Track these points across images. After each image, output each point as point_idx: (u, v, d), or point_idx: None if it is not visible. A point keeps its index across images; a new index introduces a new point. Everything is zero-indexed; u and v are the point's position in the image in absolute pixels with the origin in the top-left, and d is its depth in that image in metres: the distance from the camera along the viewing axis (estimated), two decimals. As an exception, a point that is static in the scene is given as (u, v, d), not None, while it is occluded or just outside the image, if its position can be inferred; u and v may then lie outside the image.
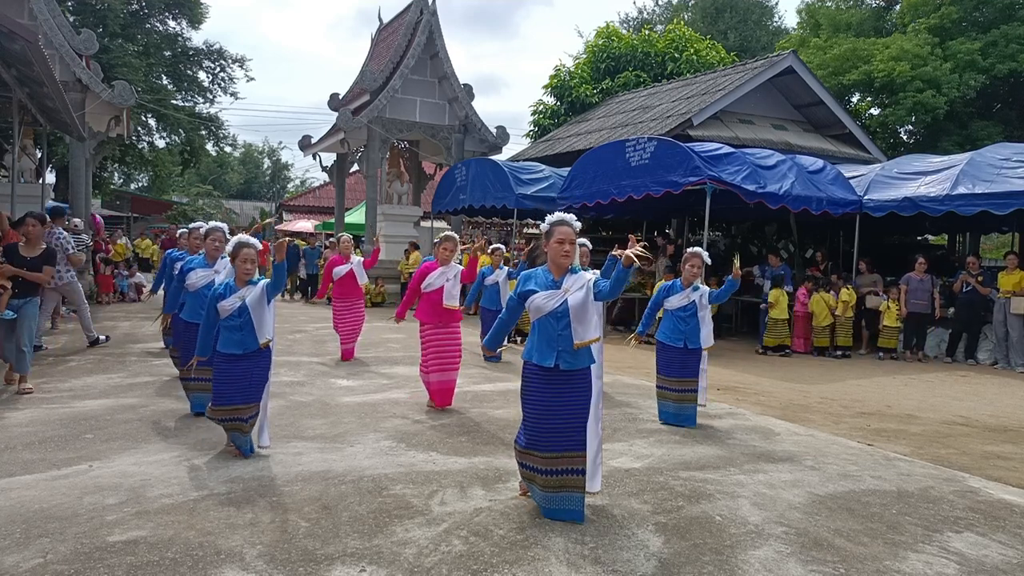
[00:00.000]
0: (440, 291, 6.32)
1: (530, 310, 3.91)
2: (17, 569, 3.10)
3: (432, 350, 6.31)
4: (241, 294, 4.74)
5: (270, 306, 4.85)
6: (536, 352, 3.86)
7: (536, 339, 3.88)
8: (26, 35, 8.13)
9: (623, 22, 36.57)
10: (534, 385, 3.86)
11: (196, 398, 5.80)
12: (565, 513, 3.83)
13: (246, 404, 4.72)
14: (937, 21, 22.88)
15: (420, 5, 18.24)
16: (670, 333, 6.10)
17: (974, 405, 7.65)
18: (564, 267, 3.87)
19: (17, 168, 14.10)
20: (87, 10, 22.58)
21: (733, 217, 15.42)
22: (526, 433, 3.88)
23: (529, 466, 3.87)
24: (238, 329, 4.73)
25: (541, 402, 3.82)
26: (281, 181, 65.00)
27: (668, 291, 6.16)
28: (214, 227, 6.17)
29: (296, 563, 3.24)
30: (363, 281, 8.93)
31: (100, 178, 26.41)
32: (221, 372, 4.74)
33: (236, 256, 4.79)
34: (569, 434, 3.81)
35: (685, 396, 6.03)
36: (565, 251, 3.84)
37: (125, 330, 10.76)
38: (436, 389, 6.31)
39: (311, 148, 21.27)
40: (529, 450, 3.85)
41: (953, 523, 4.04)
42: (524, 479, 4.02)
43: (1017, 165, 10.41)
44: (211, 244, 6.07)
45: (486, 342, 4.45)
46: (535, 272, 3.98)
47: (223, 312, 4.72)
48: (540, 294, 3.85)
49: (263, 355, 4.81)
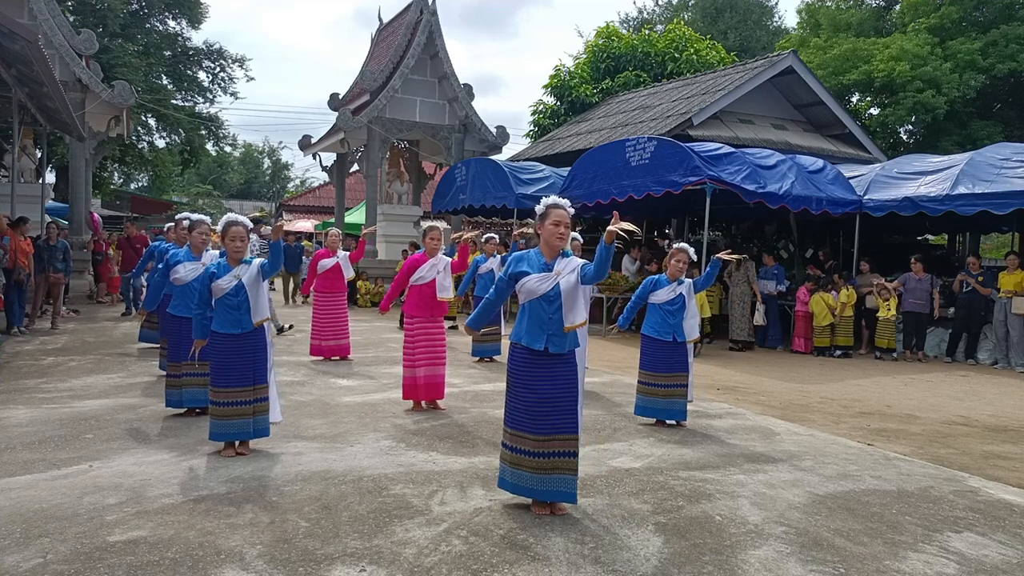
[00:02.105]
0: (433, 284, 6.31)
1: (521, 292, 3.89)
2: (17, 569, 3.10)
3: (422, 344, 6.27)
4: (236, 272, 4.74)
5: (264, 285, 4.88)
6: (526, 335, 3.85)
7: (526, 322, 3.87)
8: (26, 35, 8.14)
9: (623, 22, 36.56)
10: (524, 368, 3.86)
11: (188, 394, 5.71)
12: (558, 495, 3.83)
13: (251, 386, 4.73)
14: (937, 21, 22.87)
15: (420, 5, 18.24)
16: (658, 327, 6.02)
17: (974, 405, 7.65)
18: (557, 250, 3.88)
19: (17, 168, 14.13)
20: (87, 10, 22.56)
21: (733, 217, 15.42)
22: (517, 416, 3.87)
23: (520, 449, 3.84)
24: (235, 308, 4.72)
25: (532, 385, 3.82)
26: (281, 181, 65.00)
27: (654, 285, 6.09)
28: (199, 220, 6.14)
29: (296, 563, 3.24)
30: (349, 275, 8.89)
31: (100, 178, 26.39)
32: (220, 352, 4.72)
33: (226, 234, 4.78)
34: (562, 416, 3.82)
35: (674, 391, 5.96)
36: (560, 233, 3.85)
37: (125, 330, 10.76)
38: (426, 383, 6.26)
39: (311, 148, 21.27)
40: (522, 432, 3.83)
41: (953, 523, 4.04)
42: (511, 464, 3.90)
43: (1017, 165, 10.40)
44: (197, 237, 6.02)
45: (469, 322, 4.37)
46: (527, 254, 3.95)
47: (218, 291, 4.71)
48: (533, 276, 3.84)
49: (260, 333, 4.83)
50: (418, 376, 6.25)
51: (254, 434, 4.82)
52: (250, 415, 4.77)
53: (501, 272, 4.08)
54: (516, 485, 3.90)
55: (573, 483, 3.85)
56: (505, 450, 3.96)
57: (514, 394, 3.91)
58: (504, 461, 3.98)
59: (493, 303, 4.20)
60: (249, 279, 4.75)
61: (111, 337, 10.14)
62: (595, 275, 3.75)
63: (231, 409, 4.71)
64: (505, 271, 3.99)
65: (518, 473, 3.88)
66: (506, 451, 3.96)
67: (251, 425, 4.78)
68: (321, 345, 8.70)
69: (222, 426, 4.76)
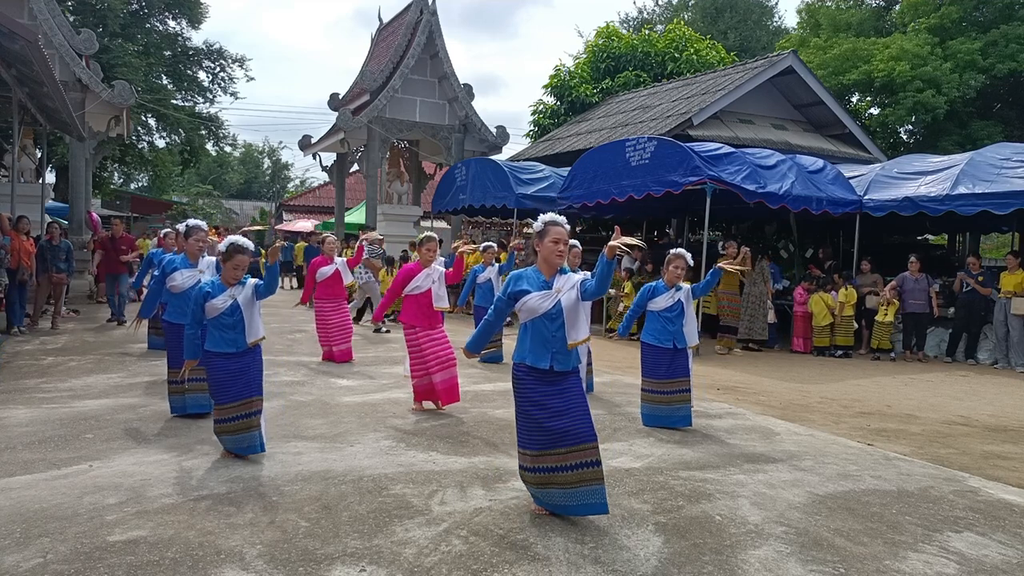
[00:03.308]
0: (428, 294, 6.30)
1: (522, 311, 3.85)
2: (17, 569, 3.10)
3: (431, 352, 6.29)
4: (231, 292, 4.70)
5: (258, 305, 4.84)
6: (530, 354, 3.81)
7: (529, 341, 3.84)
8: (26, 35, 8.14)
9: (623, 22, 36.57)
10: (530, 387, 3.83)
11: (192, 399, 5.68)
12: (590, 508, 3.78)
13: (253, 397, 4.71)
14: (937, 21, 22.87)
15: (420, 5, 18.25)
16: (658, 334, 5.96)
17: (974, 405, 7.65)
18: (556, 267, 3.86)
19: (17, 168, 14.13)
20: (87, 10, 22.56)
21: (733, 217, 15.42)
22: (533, 436, 3.81)
23: (547, 468, 3.77)
24: (231, 328, 4.69)
25: (542, 403, 3.78)
26: (281, 181, 64.99)
27: (652, 293, 6.02)
28: (196, 226, 6.10)
29: (296, 563, 3.24)
30: (348, 281, 8.90)
31: (100, 178, 26.38)
32: (218, 370, 4.70)
33: (230, 259, 4.70)
34: (578, 428, 3.78)
35: (677, 397, 5.92)
36: (560, 251, 3.82)
37: (125, 330, 10.75)
38: (444, 388, 6.27)
39: (311, 148, 21.29)
40: (544, 451, 3.78)
41: (953, 523, 4.04)
42: (537, 485, 3.84)
43: (1017, 165, 10.40)
44: (194, 244, 6.00)
45: (469, 346, 4.26)
46: (525, 272, 3.91)
47: (212, 311, 4.66)
48: (534, 295, 3.80)
49: (256, 352, 4.82)
50: (436, 382, 6.25)
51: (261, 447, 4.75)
52: (257, 427, 4.71)
53: (500, 292, 4.02)
54: (550, 504, 3.85)
55: (602, 493, 3.79)
56: (528, 473, 3.87)
57: (525, 414, 3.86)
58: (531, 484, 3.89)
59: (492, 324, 4.14)
60: (244, 299, 4.70)
61: (111, 337, 10.13)
62: (596, 291, 3.74)
63: (241, 423, 4.68)
64: (504, 291, 3.94)
65: (548, 492, 3.83)
66: (529, 474, 3.87)
67: (259, 438, 4.72)
68: (332, 350, 8.72)
69: (235, 441, 4.72)
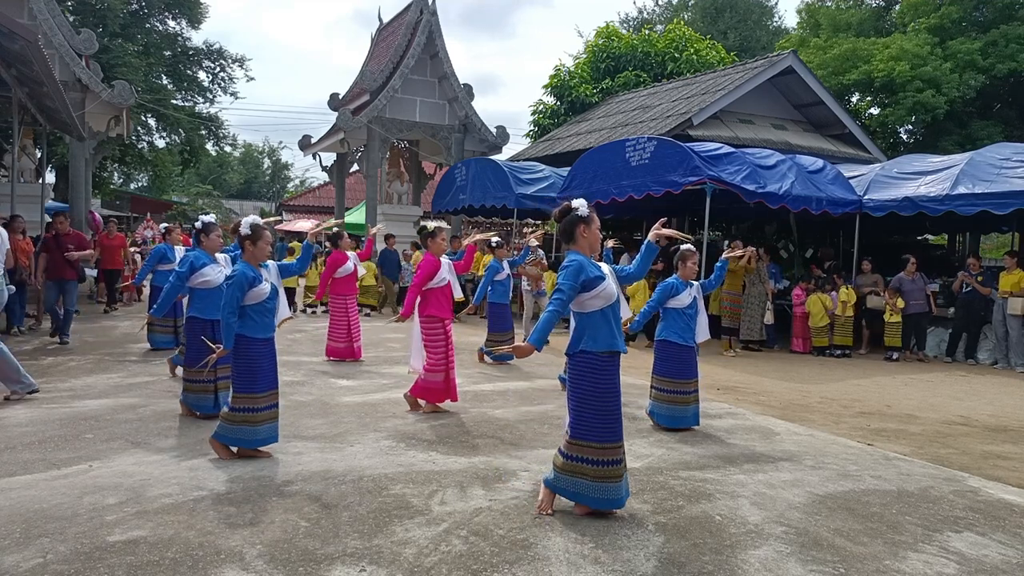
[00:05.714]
0: (449, 285, 6.35)
1: (597, 298, 3.80)
2: (17, 569, 3.10)
3: (448, 346, 6.25)
4: (266, 276, 4.71)
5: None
6: (612, 339, 3.86)
7: (601, 326, 3.84)
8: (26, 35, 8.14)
9: (623, 22, 36.54)
10: (608, 374, 3.86)
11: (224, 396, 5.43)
12: (612, 502, 3.86)
13: (276, 388, 4.78)
14: (937, 21, 22.86)
15: (420, 5, 18.24)
16: (681, 332, 5.83)
17: (974, 405, 7.65)
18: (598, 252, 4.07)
19: (17, 168, 14.13)
20: (87, 10, 22.54)
21: (733, 217, 15.42)
22: (587, 425, 3.82)
23: (581, 458, 3.82)
24: (271, 312, 4.73)
25: (610, 390, 3.85)
26: (281, 181, 65.02)
27: (673, 290, 5.86)
28: (212, 222, 6.25)
29: (296, 563, 3.24)
30: (361, 274, 9.05)
31: (100, 178, 26.36)
32: (259, 357, 4.66)
33: (260, 238, 4.68)
34: (618, 422, 3.89)
35: (693, 397, 5.88)
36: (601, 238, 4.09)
37: (125, 330, 10.75)
38: (454, 385, 6.29)
39: (311, 148, 21.27)
40: (587, 441, 3.82)
41: (953, 523, 4.04)
42: (566, 473, 3.85)
43: (1017, 165, 10.40)
44: (215, 240, 6.18)
45: (533, 340, 3.85)
46: (583, 260, 3.83)
47: (258, 297, 4.61)
48: (609, 281, 3.86)
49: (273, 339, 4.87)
50: (452, 378, 6.23)
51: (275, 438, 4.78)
52: (276, 419, 4.77)
53: (565, 280, 3.75)
54: (576, 493, 3.88)
55: (624, 488, 3.89)
56: (565, 459, 3.89)
57: (602, 404, 3.83)
58: (563, 471, 3.89)
59: (558, 315, 3.77)
60: (278, 282, 4.76)
61: (111, 337, 10.14)
62: (638, 275, 4.03)
63: (271, 413, 4.69)
64: (575, 279, 3.73)
65: (576, 481, 3.86)
66: (566, 460, 3.89)
67: (276, 429, 4.78)
68: (340, 347, 8.68)
69: (268, 430, 4.70)
